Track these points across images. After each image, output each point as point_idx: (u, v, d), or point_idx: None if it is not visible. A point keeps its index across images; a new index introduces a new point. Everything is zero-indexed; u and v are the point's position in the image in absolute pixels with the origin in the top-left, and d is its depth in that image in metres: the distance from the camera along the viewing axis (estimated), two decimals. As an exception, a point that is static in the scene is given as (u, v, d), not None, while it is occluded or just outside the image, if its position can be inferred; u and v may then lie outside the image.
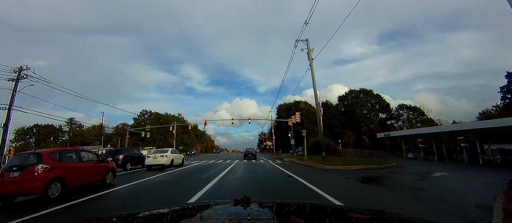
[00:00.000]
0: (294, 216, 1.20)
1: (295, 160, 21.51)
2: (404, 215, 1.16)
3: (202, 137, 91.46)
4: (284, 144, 55.42)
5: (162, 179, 9.84)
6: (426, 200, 5.55)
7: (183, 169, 14.72)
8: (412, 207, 4.92)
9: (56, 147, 56.43)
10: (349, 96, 54.32)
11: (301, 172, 11.87)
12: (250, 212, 1.18)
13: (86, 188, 7.84)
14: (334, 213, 1.32)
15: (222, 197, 6.09)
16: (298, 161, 19.56)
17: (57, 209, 5.22)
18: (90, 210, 5.24)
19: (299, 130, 44.67)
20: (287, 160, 22.43)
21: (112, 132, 69.21)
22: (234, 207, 1.27)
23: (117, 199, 6.50)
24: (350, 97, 53.63)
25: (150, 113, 67.56)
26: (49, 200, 6.09)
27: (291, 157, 27.70)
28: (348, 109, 52.58)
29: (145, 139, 63.56)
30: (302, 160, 19.48)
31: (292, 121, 31.54)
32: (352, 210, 1.35)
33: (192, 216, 1.27)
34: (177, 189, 7.47)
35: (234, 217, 1.11)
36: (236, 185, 7.93)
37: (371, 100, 53.83)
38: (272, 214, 1.24)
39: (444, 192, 6.75)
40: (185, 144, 69.91)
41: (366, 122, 50.64)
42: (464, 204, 5.35)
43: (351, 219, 1.13)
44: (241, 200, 1.31)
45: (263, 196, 6.11)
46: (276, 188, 7.41)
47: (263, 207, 1.35)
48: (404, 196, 6.13)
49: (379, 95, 56.03)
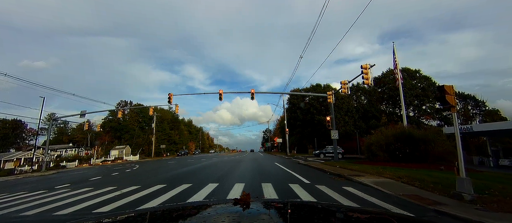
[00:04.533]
0: (294, 216, 1.17)
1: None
2: (404, 215, 1.36)
3: (197, 135, 77.92)
4: (299, 141, 41.14)
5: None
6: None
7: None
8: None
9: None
10: (388, 76, 39.58)
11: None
12: (250, 211, 1.16)
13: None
14: (334, 212, 1.32)
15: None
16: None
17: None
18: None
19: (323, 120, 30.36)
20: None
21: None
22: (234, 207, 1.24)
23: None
24: (391, 77, 38.89)
25: (130, 104, 54.25)
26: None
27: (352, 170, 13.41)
28: (390, 93, 37.94)
29: (121, 137, 50.29)
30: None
31: (332, 97, 17.10)
32: (351, 210, 1.36)
33: (192, 216, 1.24)
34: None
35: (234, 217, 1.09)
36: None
37: (422, 83, 39.07)
38: (272, 214, 1.19)
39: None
40: (173, 142, 56.37)
41: (419, 112, 36.03)
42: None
43: (351, 218, 1.12)
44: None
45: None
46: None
47: (263, 207, 1.32)
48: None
49: (429, 78, 41.18)
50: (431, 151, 13.44)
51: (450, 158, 12.58)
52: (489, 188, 6.32)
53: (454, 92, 6.09)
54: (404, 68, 40.94)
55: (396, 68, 21.64)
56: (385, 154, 14.91)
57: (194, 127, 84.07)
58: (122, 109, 37.21)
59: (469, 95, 44.79)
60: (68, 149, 45.98)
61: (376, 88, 39.65)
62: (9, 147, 48.37)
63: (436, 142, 13.61)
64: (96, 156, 37.56)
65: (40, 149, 36.23)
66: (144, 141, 48.72)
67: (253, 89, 19.49)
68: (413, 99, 37.49)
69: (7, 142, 50.33)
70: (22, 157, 32.59)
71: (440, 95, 6.36)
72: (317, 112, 37.80)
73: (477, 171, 12.27)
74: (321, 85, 43.11)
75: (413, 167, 11.91)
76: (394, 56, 22.07)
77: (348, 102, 37.81)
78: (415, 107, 38.46)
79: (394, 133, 14.75)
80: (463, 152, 6.24)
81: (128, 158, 40.42)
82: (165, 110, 60.65)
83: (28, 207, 6.39)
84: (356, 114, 37.48)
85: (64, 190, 9.00)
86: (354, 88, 40.55)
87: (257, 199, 1.48)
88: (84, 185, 10.21)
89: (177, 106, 24.25)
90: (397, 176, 8.63)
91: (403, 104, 21.82)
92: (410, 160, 13.98)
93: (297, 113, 40.69)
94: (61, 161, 31.68)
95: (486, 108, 43.35)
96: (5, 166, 28.44)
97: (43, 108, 27.40)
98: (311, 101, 38.89)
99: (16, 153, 35.19)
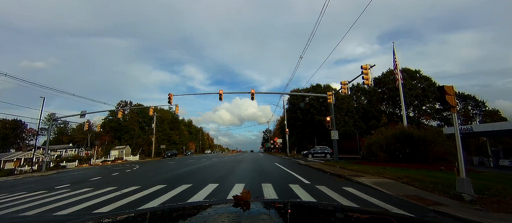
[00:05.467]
0: (294, 216, 1.17)
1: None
2: (404, 215, 1.28)
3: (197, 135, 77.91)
4: (299, 142, 41.13)
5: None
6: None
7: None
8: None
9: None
10: (388, 77, 39.57)
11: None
12: (250, 211, 1.16)
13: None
14: (334, 213, 1.32)
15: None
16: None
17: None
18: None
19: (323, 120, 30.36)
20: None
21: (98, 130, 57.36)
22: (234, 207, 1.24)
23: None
24: (391, 77, 38.90)
25: (130, 104, 54.24)
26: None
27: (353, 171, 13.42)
28: (390, 94, 37.91)
29: (121, 137, 50.29)
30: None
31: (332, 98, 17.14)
32: (351, 210, 1.37)
33: (193, 216, 1.24)
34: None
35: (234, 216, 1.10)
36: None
37: (422, 83, 39.01)
38: (272, 214, 1.19)
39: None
40: (173, 142, 56.35)
41: (419, 113, 36.00)
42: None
43: (351, 219, 1.12)
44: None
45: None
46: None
47: (263, 207, 1.33)
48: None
49: (429, 78, 41.16)
50: (431, 152, 13.42)
51: (450, 158, 12.57)
52: (489, 188, 6.31)
53: (454, 92, 6.09)
54: (404, 68, 40.93)
55: (396, 68, 21.65)
56: (385, 154, 14.88)
57: (194, 127, 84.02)
58: (122, 109, 37.17)
59: (469, 95, 44.81)
60: (68, 149, 45.97)
61: (376, 89, 39.65)
62: (9, 147, 48.37)
63: (436, 143, 13.60)
64: (96, 156, 37.56)
65: (40, 149, 36.24)
66: (144, 141, 48.71)
67: (253, 89, 19.51)
68: (413, 100, 37.51)
69: (7, 142, 50.35)
70: (22, 157, 32.60)
71: (440, 96, 6.37)
72: (317, 112, 37.79)
73: (477, 171, 12.26)
74: (321, 85, 43.07)
75: (413, 167, 11.90)
76: (394, 56, 22.07)
77: (348, 103, 37.80)
78: (415, 107, 38.48)
79: (394, 133, 14.75)
80: (463, 153, 6.24)
81: (128, 158, 40.41)
82: (165, 110, 60.60)
83: (28, 207, 6.39)
84: (356, 114, 37.47)
85: (64, 190, 9.00)
86: (354, 88, 40.51)
87: (257, 199, 1.48)
88: (84, 185, 10.22)
89: (177, 106, 24.26)
90: (397, 177, 8.62)
91: (403, 104, 21.81)
92: (410, 160, 13.95)
93: (297, 113, 40.67)
94: (61, 161, 31.69)
95: (486, 109, 43.36)
96: (5, 166, 28.44)
97: (43, 108, 27.42)
98: (311, 101, 38.89)
99: (16, 153, 35.19)
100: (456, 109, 6.26)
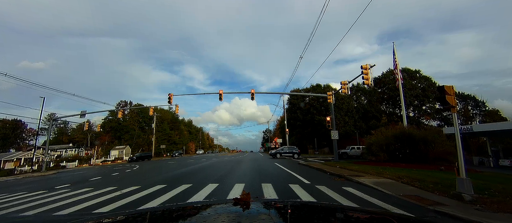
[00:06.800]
0: (294, 216, 1.17)
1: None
2: (404, 215, 1.31)
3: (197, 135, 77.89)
4: (299, 142, 41.12)
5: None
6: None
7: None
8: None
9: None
10: (388, 77, 39.56)
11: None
12: (250, 211, 1.16)
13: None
14: (334, 212, 1.31)
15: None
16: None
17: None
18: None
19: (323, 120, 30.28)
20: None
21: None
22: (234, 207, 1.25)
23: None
24: (391, 77, 38.89)
25: (130, 104, 54.21)
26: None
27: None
28: (390, 94, 37.90)
29: (121, 137, 50.28)
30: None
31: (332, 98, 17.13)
32: (351, 210, 1.40)
33: (192, 216, 1.24)
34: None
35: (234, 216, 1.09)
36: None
37: (422, 83, 38.99)
38: (272, 214, 1.19)
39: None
40: (173, 142, 56.32)
41: (419, 113, 35.99)
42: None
43: (351, 219, 1.12)
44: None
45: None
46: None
47: (263, 207, 1.33)
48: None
49: (429, 78, 41.17)
50: (431, 152, 13.42)
51: (450, 158, 12.57)
52: (489, 188, 6.32)
53: (454, 92, 6.09)
54: (404, 68, 40.99)
55: (396, 68, 21.64)
56: (385, 154, 14.88)
57: (194, 127, 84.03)
58: (122, 109, 37.16)
59: (469, 95, 44.82)
60: (68, 149, 45.97)
61: (376, 89, 39.65)
62: (9, 147, 48.32)
63: (436, 143, 13.61)
64: (96, 156, 37.56)
65: (40, 149, 36.23)
66: (144, 141, 48.70)
67: (253, 89, 19.50)
68: (413, 100, 37.52)
69: (7, 142, 50.34)
70: (22, 157, 32.60)
71: (440, 96, 6.37)
72: (317, 112, 37.80)
73: (477, 171, 12.26)
74: (321, 85, 43.08)
75: (413, 167, 11.90)
76: (394, 56, 22.06)
77: (348, 103, 37.80)
78: (415, 107, 38.51)
79: (394, 133, 14.76)
80: (463, 153, 6.24)
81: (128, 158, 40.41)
82: (165, 110, 60.60)
83: (28, 207, 6.39)
84: (356, 114, 37.46)
85: (64, 190, 9.00)
86: (354, 88, 40.51)
87: (257, 199, 1.49)
88: (84, 185, 10.22)
89: (177, 106, 24.26)
90: (397, 177, 8.62)
91: (403, 104, 21.80)
92: (410, 160, 13.95)
93: (297, 114, 40.67)
94: (61, 161, 31.70)
95: (486, 108, 43.38)
96: (5, 166, 28.43)
97: (43, 108, 27.43)
98: (311, 101, 38.90)
99: (16, 153, 35.19)
100: (456, 109, 6.26)
